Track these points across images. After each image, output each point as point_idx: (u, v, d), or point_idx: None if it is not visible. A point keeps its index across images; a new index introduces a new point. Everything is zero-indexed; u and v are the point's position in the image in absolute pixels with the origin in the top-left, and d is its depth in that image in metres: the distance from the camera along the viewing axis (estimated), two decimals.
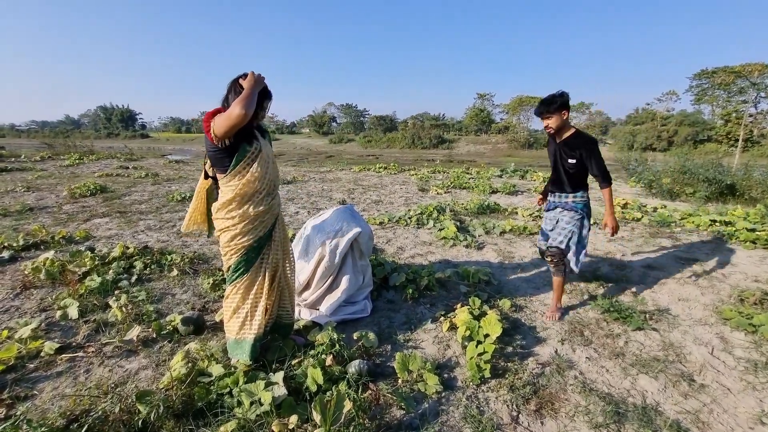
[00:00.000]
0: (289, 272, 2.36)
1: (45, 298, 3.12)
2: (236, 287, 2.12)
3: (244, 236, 2.04)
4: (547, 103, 2.63)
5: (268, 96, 2.03)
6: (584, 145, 2.65)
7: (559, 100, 2.60)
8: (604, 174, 2.69)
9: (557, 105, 2.61)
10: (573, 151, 2.68)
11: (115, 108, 77.10)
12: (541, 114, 2.68)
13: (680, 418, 1.96)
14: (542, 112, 2.66)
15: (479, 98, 54.48)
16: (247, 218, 2.01)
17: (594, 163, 2.66)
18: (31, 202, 6.73)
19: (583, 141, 2.67)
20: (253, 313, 2.12)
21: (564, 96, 2.62)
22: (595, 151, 2.65)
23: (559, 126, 2.68)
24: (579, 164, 2.69)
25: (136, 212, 6.23)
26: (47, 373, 2.24)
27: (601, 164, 2.67)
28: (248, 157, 1.96)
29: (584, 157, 2.66)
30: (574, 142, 2.69)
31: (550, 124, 2.67)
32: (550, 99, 2.63)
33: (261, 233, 2.08)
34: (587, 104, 45.96)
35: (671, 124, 38.05)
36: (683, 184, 8.12)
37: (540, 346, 2.61)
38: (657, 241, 4.95)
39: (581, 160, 2.67)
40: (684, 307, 3.18)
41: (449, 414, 1.97)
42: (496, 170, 12.72)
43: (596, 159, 2.66)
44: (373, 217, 5.97)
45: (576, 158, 2.68)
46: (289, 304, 2.38)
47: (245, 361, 2.11)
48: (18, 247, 4.18)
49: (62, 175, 10.19)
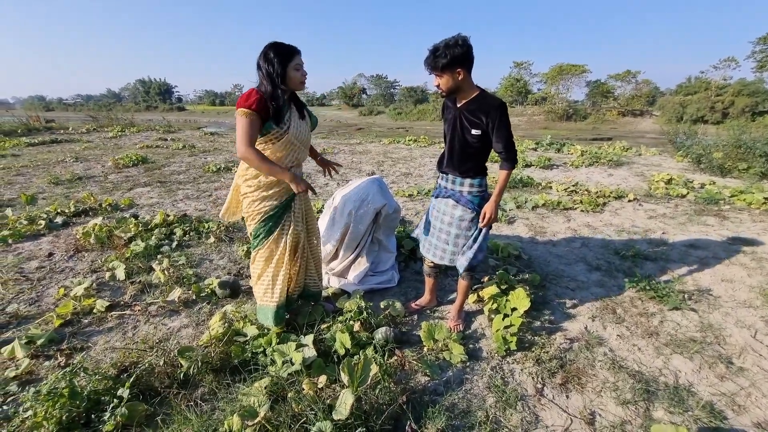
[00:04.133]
0: (316, 243, 2.37)
1: (95, 261, 3.36)
2: (258, 253, 2.15)
3: (261, 203, 2.04)
4: (435, 56, 1.89)
5: (291, 55, 1.83)
6: (492, 111, 1.96)
7: (450, 53, 1.84)
8: (510, 150, 2.04)
9: (447, 60, 1.86)
10: (477, 119, 2.00)
11: (152, 81, 79.32)
12: (426, 68, 1.96)
13: (714, 400, 1.90)
14: (427, 65, 1.94)
15: (516, 67, 51.81)
16: (262, 186, 2.01)
17: (503, 134, 1.99)
18: (79, 171, 7.15)
19: (491, 105, 1.97)
20: (274, 281, 2.14)
21: (459, 45, 1.85)
22: (505, 118, 1.98)
23: (452, 88, 1.98)
24: (484, 136, 2.04)
25: (175, 182, 6.51)
26: (99, 328, 2.45)
27: (511, 137, 2.03)
28: (272, 134, 1.90)
29: (490, 127, 2.00)
30: (478, 106, 2.00)
31: (441, 85, 1.98)
32: (440, 50, 1.87)
33: (277, 202, 2.05)
34: (633, 72, 42.68)
35: (727, 94, 34.84)
36: (736, 159, 7.51)
37: (569, 321, 2.57)
38: (702, 219, 4.67)
39: (487, 130, 2.02)
40: (727, 288, 3.02)
41: (473, 383, 2.00)
42: (530, 143, 12.23)
43: (506, 129, 2.00)
44: (403, 190, 5.95)
45: (481, 128, 2.01)
46: (315, 273, 2.42)
47: (270, 326, 2.21)
48: (70, 213, 4.50)
49: (106, 146, 10.71)
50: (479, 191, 2.18)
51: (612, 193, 5.72)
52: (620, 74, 41.58)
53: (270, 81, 1.82)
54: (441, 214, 2.28)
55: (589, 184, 6.57)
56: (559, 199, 5.34)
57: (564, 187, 6.11)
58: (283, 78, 1.84)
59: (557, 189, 6.12)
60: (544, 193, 5.77)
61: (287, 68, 1.83)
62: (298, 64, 1.86)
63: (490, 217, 2.12)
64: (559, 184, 6.28)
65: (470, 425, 1.73)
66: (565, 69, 41.52)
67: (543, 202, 5.17)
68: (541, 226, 4.41)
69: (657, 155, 10.10)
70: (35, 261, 3.36)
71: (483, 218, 2.13)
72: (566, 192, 5.96)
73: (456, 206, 2.21)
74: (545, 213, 4.93)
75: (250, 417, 1.56)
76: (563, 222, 4.57)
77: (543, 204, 5.15)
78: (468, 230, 2.21)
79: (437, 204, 2.32)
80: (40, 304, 2.71)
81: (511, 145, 2.04)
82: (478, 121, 2.00)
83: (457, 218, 2.20)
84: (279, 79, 1.82)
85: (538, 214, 4.89)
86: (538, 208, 5.10)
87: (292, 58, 1.83)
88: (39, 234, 3.97)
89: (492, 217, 2.12)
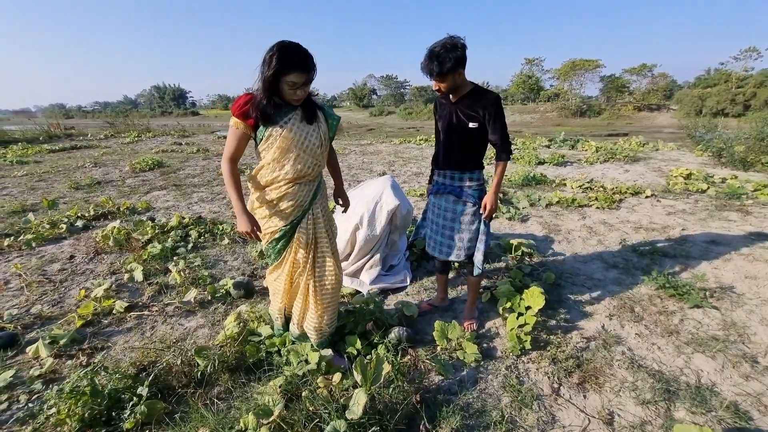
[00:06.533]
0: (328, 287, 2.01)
1: (114, 263, 3.44)
2: (269, 273, 2.05)
3: (266, 221, 1.85)
4: (439, 62, 1.89)
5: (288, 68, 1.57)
6: (489, 103, 2.01)
7: (454, 57, 1.87)
8: (505, 141, 2.08)
9: (452, 64, 1.89)
10: (474, 112, 2.04)
11: (167, 87, 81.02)
12: (432, 76, 1.97)
13: (739, 400, 1.84)
14: (434, 73, 1.94)
15: (527, 63, 51.23)
16: (264, 203, 1.83)
17: (499, 127, 2.05)
18: (98, 176, 7.34)
19: (487, 98, 2.02)
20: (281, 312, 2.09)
21: (459, 48, 1.88)
22: (501, 110, 2.04)
23: (452, 88, 2.03)
24: (481, 129, 2.07)
25: (189, 185, 6.62)
26: (119, 328, 2.50)
27: (506, 129, 2.08)
28: (266, 140, 1.72)
29: (487, 119, 2.04)
30: (474, 100, 2.04)
31: (443, 88, 2.03)
32: (441, 55, 1.87)
33: (283, 223, 1.84)
34: (649, 66, 41.60)
35: (749, 86, 33.70)
36: (760, 152, 7.27)
37: (585, 320, 2.52)
38: (724, 215, 4.54)
39: (484, 123, 2.06)
40: (751, 285, 2.92)
41: (488, 382, 1.98)
42: (543, 140, 12.07)
43: (501, 121, 2.05)
44: (414, 189, 5.93)
45: (478, 121, 2.04)
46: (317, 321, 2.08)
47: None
48: (89, 216, 4.62)
49: (123, 151, 10.97)
50: (478, 185, 2.21)
51: (628, 189, 5.61)
52: (635, 68, 40.63)
53: (261, 86, 1.63)
54: (443, 210, 2.29)
55: (604, 180, 6.46)
56: (573, 196, 5.26)
57: (578, 184, 6.01)
58: (275, 90, 1.63)
59: (571, 186, 6.02)
60: (558, 191, 5.68)
61: (280, 81, 1.60)
62: (293, 82, 1.59)
63: (491, 208, 2.15)
64: (573, 181, 6.18)
65: (485, 425, 1.71)
66: (578, 64, 40.79)
67: (557, 199, 5.10)
68: (555, 224, 4.35)
69: (675, 150, 9.87)
70: (57, 263, 3.45)
71: (484, 210, 2.16)
72: (581, 189, 5.87)
73: (458, 201, 2.23)
74: (559, 211, 4.85)
75: (265, 415, 1.58)
76: (578, 219, 4.49)
77: (557, 202, 5.08)
78: (471, 224, 2.22)
79: (437, 201, 2.32)
80: (63, 305, 2.78)
81: (506, 136, 2.08)
82: (476, 115, 2.05)
83: (459, 213, 2.22)
84: (269, 90, 1.62)
85: (552, 211, 4.82)
86: (552, 206, 5.02)
87: (287, 73, 1.57)
88: (61, 237, 4.08)
89: (493, 208, 2.15)
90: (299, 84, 1.61)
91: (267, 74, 1.58)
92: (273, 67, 1.56)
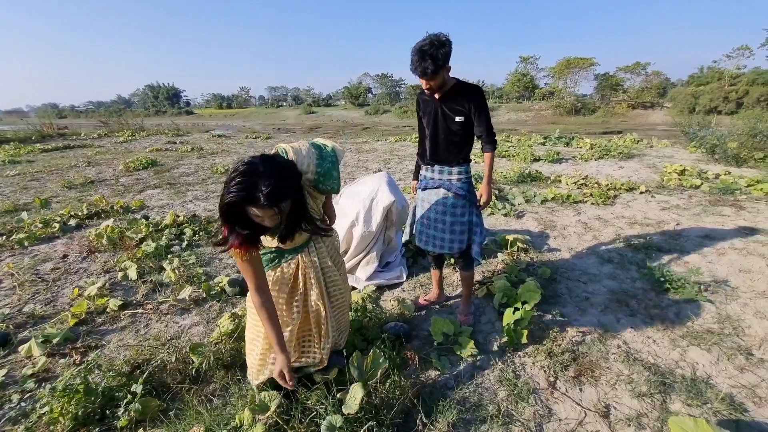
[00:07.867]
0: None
1: (108, 261, 3.41)
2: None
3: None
4: (433, 60, 1.86)
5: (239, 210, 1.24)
6: (473, 97, 2.04)
7: (443, 53, 1.87)
8: (490, 133, 2.12)
9: (442, 61, 1.89)
10: (460, 106, 2.06)
11: (161, 86, 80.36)
12: (424, 75, 1.93)
13: (734, 392, 1.86)
14: (428, 72, 1.90)
15: (522, 62, 51.34)
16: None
17: (484, 119, 2.08)
18: (91, 175, 7.27)
19: (471, 92, 2.05)
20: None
21: (446, 44, 1.88)
22: (485, 103, 2.07)
23: (441, 84, 2.03)
24: (467, 123, 2.10)
25: (184, 184, 6.58)
26: (113, 327, 2.48)
27: (490, 120, 2.11)
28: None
29: (473, 112, 2.06)
30: (459, 94, 2.06)
31: (434, 86, 2.01)
32: (432, 53, 1.86)
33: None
34: (643, 64, 41.84)
35: (741, 84, 33.99)
36: (752, 149, 7.34)
37: (581, 314, 2.53)
38: (717, 210, 4.57)
39: (470, 116, 2.08)
40: (745, 278, 2.94)
41: (484, 376, 1.98)
42: (539, 138, 12.10)
43: (486, 113, 2.08)
44: (409, 186, 5.93)
45: (464, 114, 2.07)
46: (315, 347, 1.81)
47: None
48: (83, 215, 4.58)
49: (117, 150, 10.87)
50: (467, 177, 2.24)
51: (623, 185, 5.63)
52: (629, 66, 40.84)
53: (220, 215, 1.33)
54: (434, 204, 2.29)
55: (599, 177, 6.48)
56: (568, 192, 5.27)
57: (573, 181, 6.03)
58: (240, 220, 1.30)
59: (567, 183, 6.04)
60: (554, 187, 5.69)
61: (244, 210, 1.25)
62: (256, 215, 1.25)
63: (488, 198, 2.24)
64: (568, 178, 6.20)
65: (482, 419, 1.71)
66: (573, 62, 40.95)
67: (552, 196, 5.11)
68: (550, 220, 4.36)
69: (669, 147, 9.92)
70: (50, 262, 3.42)
71: (481, 201, 2.24)
72: (576, 185, 5.89)
73: (447, 194, 2.23)
74: (555, 207, 4.87)
75: (261, 411, 1.57)
76: (573, 215, 4.51)
77: (552, 198, 5.09)
78: (462, 216, 2.23)
79: (427, 195, 2.32)
80: (56, 304, 2.75)
81: (491, 128, 2.13)
82: (462, 109, 2.07)
83: (450, 206, 2.23)
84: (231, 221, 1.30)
85: (548, 208, 4.83)
86: (548, 202, 5.04)
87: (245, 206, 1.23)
88: (53, 236, 4.04)
89: (489, 198, 2.25)
90: (264, 218, 1.27)
91: (220, 204, 1.26)
92: (227, 198, 1.21)
